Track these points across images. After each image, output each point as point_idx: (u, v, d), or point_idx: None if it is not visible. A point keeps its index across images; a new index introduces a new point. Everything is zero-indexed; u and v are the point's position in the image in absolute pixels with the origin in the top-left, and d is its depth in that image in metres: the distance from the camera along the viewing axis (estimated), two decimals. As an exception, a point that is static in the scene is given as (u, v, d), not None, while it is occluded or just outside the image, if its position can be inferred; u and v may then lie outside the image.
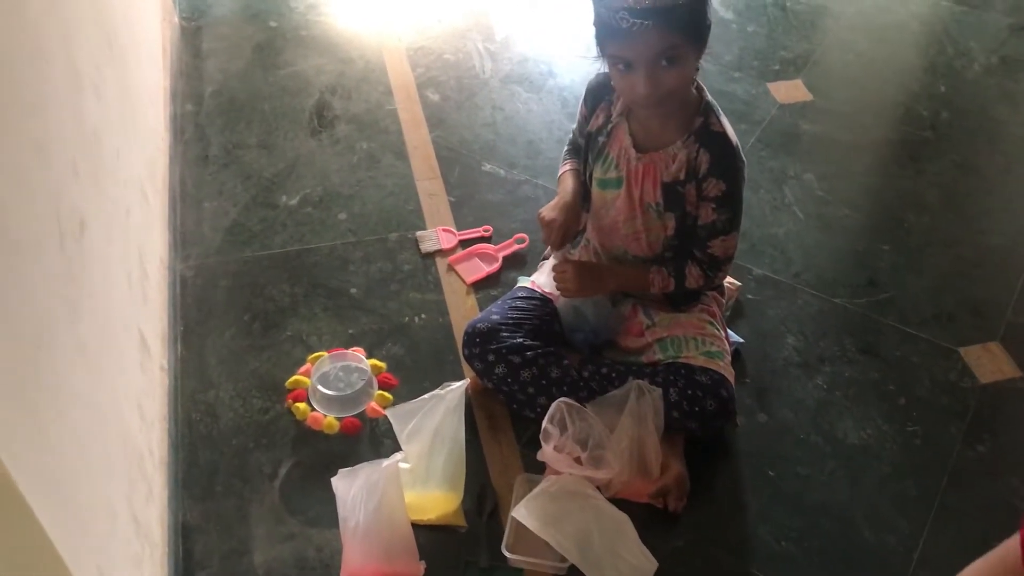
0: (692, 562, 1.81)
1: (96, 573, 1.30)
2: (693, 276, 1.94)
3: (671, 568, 1.78)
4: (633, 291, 2.03)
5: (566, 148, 2.11)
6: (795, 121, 2.89)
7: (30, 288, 1.26)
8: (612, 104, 1.91)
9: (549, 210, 1.96)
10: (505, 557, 1.78)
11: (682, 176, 1.85)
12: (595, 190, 1.96)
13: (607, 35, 1.69)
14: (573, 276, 1.94)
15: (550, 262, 2.15)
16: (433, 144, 2.76)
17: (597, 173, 1.94)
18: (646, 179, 1.88)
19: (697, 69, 1.77)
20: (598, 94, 1.94)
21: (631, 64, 1.69)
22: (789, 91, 2.99)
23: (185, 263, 2.39)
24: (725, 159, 1.83)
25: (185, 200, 2.56)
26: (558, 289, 1.99)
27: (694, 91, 1.84)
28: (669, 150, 1.85)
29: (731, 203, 1.86)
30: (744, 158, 1.86)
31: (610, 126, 1.91)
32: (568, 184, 2.01)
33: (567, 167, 2.07)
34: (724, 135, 1.83)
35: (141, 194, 2.15)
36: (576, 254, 2.09)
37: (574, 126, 2.06)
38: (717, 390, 1.87)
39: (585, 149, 1.98)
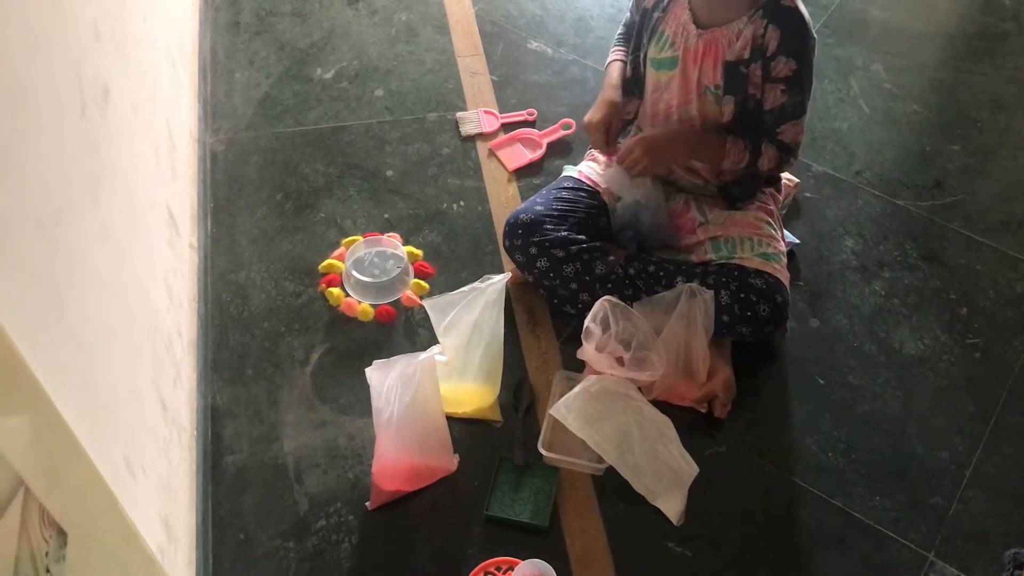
0: (734, 469, 1.75)
1: (121, 460, 1.26)
2: (769, 156, 1.80)
3: (712, 474, 1.73)
4: (705, 161, 1.87)
5: (619, 32, 1.97)
6: (865, 7, 2.69)
7: (49, 160, 1.17)
8: None
9: (591, 112, 1.85)
10: (541, 455, 1.73)
11: (747, 55, 1.71)
12: (649, 72, 1.83)
13: None
14: (642, 154, 1.80)
15: (598, 153, 2.03)
16: (476, 18, 2.60)
17: (652, 53, 1.80)
18: (706, 58, 1.74)
19: None
20: None
21: None
22: (861, -27, 2.78)
23: (215, 136, 2.29)
24: (796, 36, 1.69)
25: (216, 70, 2.44)
26: (631, 173, 1.85)
27: None
28: (733, 26, 1.70)
29: (801, 84, 1.73)
30: (815, 35, 1.71)
31: (667, 1, 1.76)
32: (611, 77, 1.89)
33: (614, 56, 1.94)
34: (795, 9, 1.69)
35: (169, 62, 2.04)
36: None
37: (630, 3, 1.91)
38: (772, 295, 1.77)
39: (639, 27, 1.83)
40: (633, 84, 1.92)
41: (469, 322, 1.74)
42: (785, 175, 2.07)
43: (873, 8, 2.69)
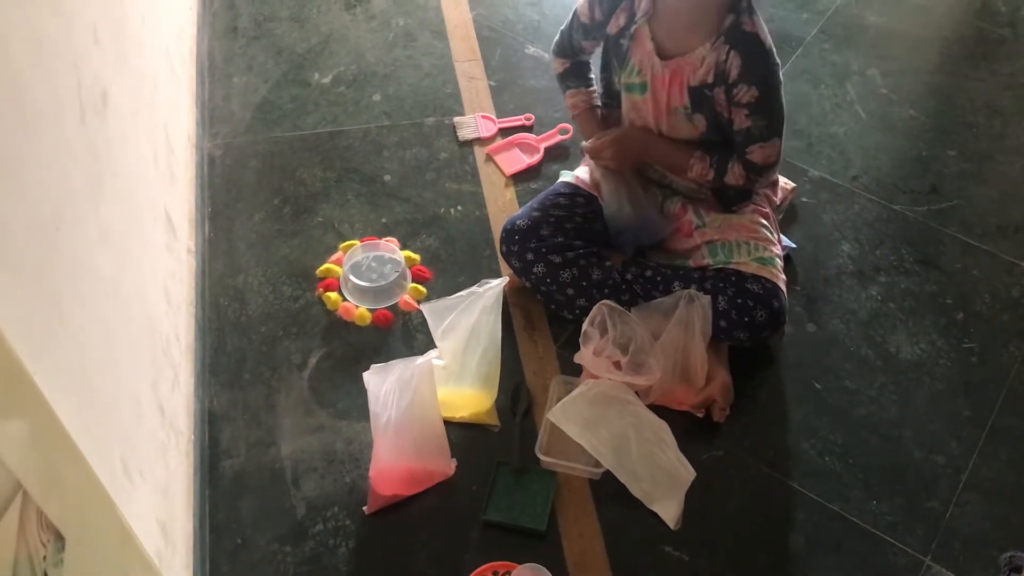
0: (731, 473, 1.75)
1: (119, 464, 1.26)
2: (734, 174, 1.82)
3: (709, 479, 1.73)
4: (669, 169, 1.91)
5: (560, 64, 1.98)
6: (861, 12, 2.70)
7: (49, 163, 1.18)
8: (634, 3, 1.76)
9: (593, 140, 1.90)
10: (538, 459, 1.73)
11: (710, 79, 1.73)
12: (623, 94, 1.86)
13: None
14: (613, 152, 1.86)
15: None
16: (474, 23, 2.60)
17: (623, 78, 1.83)
18: (672, 84, 1.77)
19: None
20: None
21: None
22: (857, -21, 2.79)
23: (213, 141, 2.29)
24: (758, 62, 1.69)
25: (214, 74, 2.44)
26: (597, 165, 1.90)
27: None
28: (696, 53, 1.72)
29: (766, 109, 1.73)
30: (777, 60, 1.72)
31: (634, 27, 1.77)
32: (589, 126, 1.95)
33: (576, 102, 1.97)
34: (756, 36, 1.69)
35: (168, 66, 2.04)
36: None
37: (565, 27, 1.93)
38: (769, 299, 1.77)
39: (606, 53, 1.87)
40: (608, 98, 1.95)
41: (467, 327, 1.74)
42: (782, 179, 2.08)
43: (869, 13, 2.69)
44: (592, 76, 2.00)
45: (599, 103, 1.98)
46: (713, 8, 1.69)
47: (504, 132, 2.33)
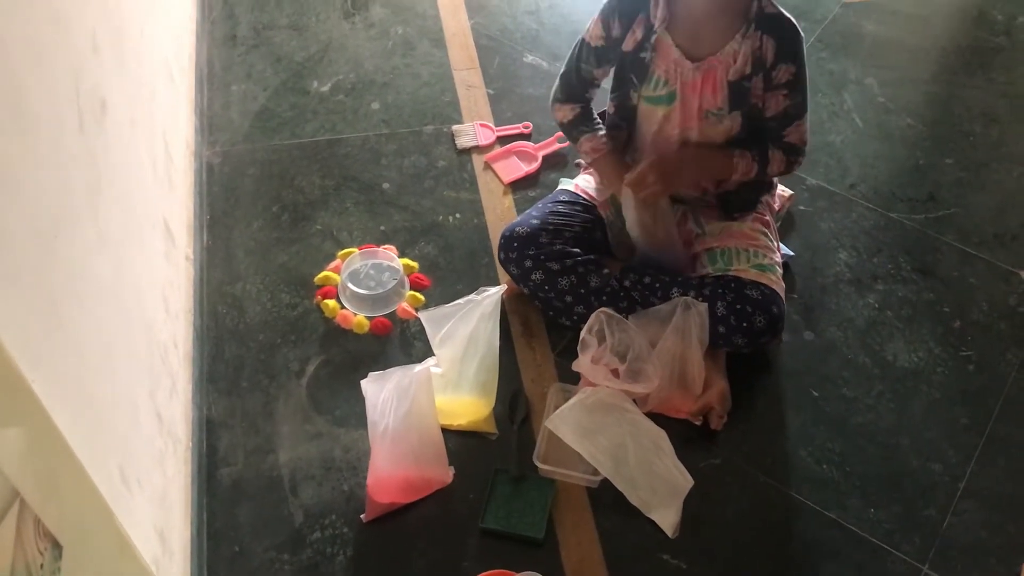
0: (729, 481, 1.75)
1: (117, 472, 1.26)
2: (776, 161, 1.82)
3: (707, 486, 1.73)
4: (717, 177, 1.85)
5: (566, 111, 1.91)
6: (859, 21, 2.71)
7: (47, 171, 1.18)
8: (650, 16, 1.73)
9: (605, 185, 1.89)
10: (536, 467, 1.73)
11: (748, 70, 1.72)
12: (643, 107, 1.82)
13: None
14: (656, 178, 1.77)
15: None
16: (472, 32, 2.61)
17: (645, 92, 1.80)
18: (705, 86, 1.74)
19: None
20: (632, 5, 1.74)
21: None
22: (854, -12, 2.80)
23: (212, 149, 2.29)
24: (789, 39, 1.71)
25: (212, 82, 2.45)
26: (643, 198, 1.80)
27: None
28: (728, 49, 1.71)
29: (801, 84, 1.75)
30: (802, 31, 1.74)
31: (654, 37, 1.74)
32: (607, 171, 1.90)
33: (596, 145, 1.89)
34: (780, 15, 1.71)
35: (167, 74, 2.05)
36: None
37: (571, 64, 1.87)
38: (768, 306, 1.78)
39: (620, 71, 1.82)
40: (620, 119, 1.89)
41: (465, 334, 1.74)
42: (780, 187, 2.08)
43: (867, 22, 2.70)
44: (598, 120, 1.94)
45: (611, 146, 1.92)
46: (735, 2, 1.69)
47: (502, 140, 2.34)
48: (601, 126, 1.92)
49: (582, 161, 2.07)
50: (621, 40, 1.78)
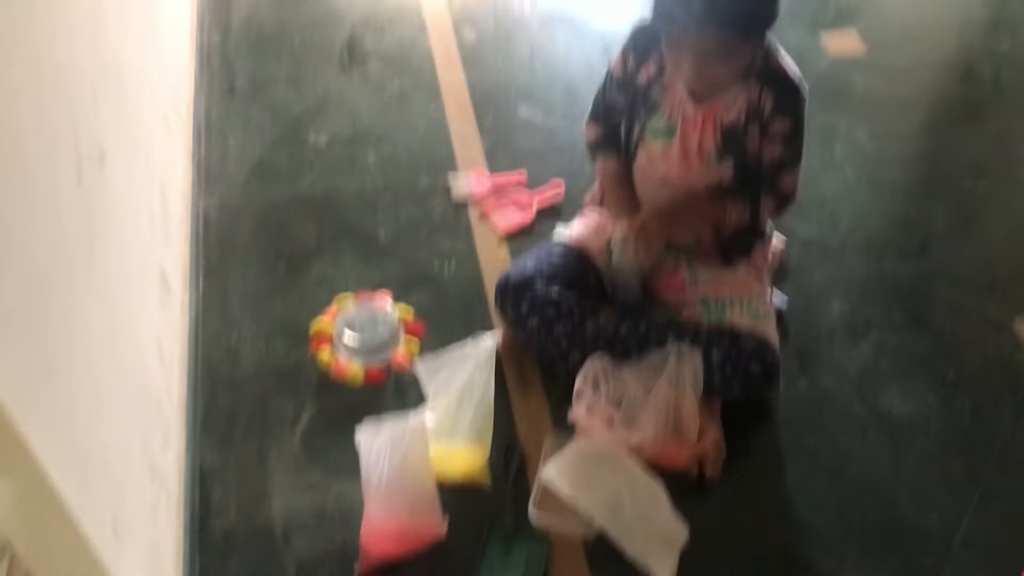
0: (725, 531, 1.74)
1: (109, 522, 1.25)
2: (768, 207, 1.86)
3: (702, 536, 1.71)
4: (712, 224, 1.89)
5: (593, 130, 1.96)
6: (848, 74, 2.75)
7: (45, 221, 1.19)
8: (663, 55, 1.77)
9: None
10: (531, 518, 1.72)
11: (742, 119, 1.75)
12: (646, 141, 1.85)
13: (664, 13, 1.62)
14: (656, 228, 1.84)
15: (589, 215, 2.06)
16: (468, 85, 2.65)
17: (650, 124, 1.83)
18: (705, 126, 1.78)
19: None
20: (648, 44, 1.79)
21: (682, 48, 1.64)
22: (843, 42, 2.85)
23: (209, 199, 2.31)
24: (790, 95, 1.75)
25: (210, 134, 2.47)
26: (643, 248, 1.87)
27: None
28: (729, 94, 1.74)
29: (797, 137, 1.79)
30: (807, 90, 1.76)
31: (665, 78, 1.79)
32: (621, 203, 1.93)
33: (609, 166, 1.94)
34: (786, 71, 1.74)
35: (165, 126, 2.07)
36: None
37: (599, 91, 1.92)
38: (762, 354, 1.78)
39: (633, 102, 1.86)
40: (624, 149, 1.93)
41: (459, 383, 1.74)
42: (775, 238, 2.10)
43: (856, 76, 2.75)
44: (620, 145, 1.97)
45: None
46: (742, 63, 1.72)
47: (498, 190, 2.36)
48: (618, 151, 1.95)
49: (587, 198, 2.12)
50: (636, 74, 1.83)
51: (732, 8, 1.57)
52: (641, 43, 1.81)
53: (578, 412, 1.77)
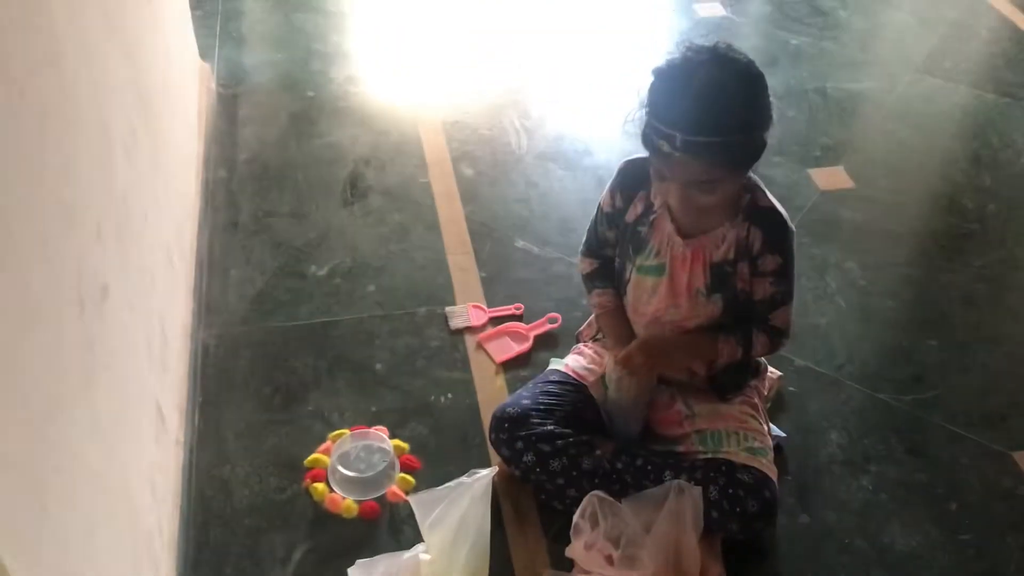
0: (729, 675, 1.69)
1: (92, 668, 1.21)
2: (760, 343, 1.86)
3: None
4: (701, 360, 1.91)
5: (587, 264, 2.01)
6: (836, 208, 2.82)
7: (45, 357, 1.20)
8: (652, 193, 1.82)
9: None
10: (528, 660, 1.66)
11: (731, 256, 1.78)
12: (635, 277, 1.88)
13: (649, 144, 1.65)
14: (644, 360, 1.84)
15: (584, 348, 2.08)
16: (466, 219, 2.71)
17: (639, 262, 1.86)
18: (694, 263, 1.80)
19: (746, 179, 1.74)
20: (636, 182, 1.83)
21: (667, 177, 1.67)
22: (830, 178, 2.93)
23: (208, 331, 2.33)
24: (777, 233, 1.77)
25: (212, 267, 2.52)
26: (628, 373, 1.87)
27: None
28: (717, 232, 1.78)
29: (787, 274, 1.80)
30: (793, 227, 1.80)
31: (653, 216, 1.84)
32: (617, 334, 1.96)
33: (604, 300, 1.98)
34: (773, 209, 1.77)
35: (167, 260, 2.11)
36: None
37: (591, 227, 1.98)
38: (760, 490, 1.77)
39: (622, 239, 1.90)
40: (616, 280, 1.97)
41: (455, 519, 1.72)
42: (770, 369, 2.11)
43: (843, 209, 2.82)
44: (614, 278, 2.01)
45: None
46: (729, 200, 1.76)
47: (495, 321, 2.38)
48: (612, 284, 1.98)
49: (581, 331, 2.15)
50: (624, 211, 1.87)
51: (723, 124, 1.58)
52: (628, 180, 1.86)
53: (576, 549, 1.74)
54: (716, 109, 1.59)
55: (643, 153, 1.71)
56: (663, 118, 1.61)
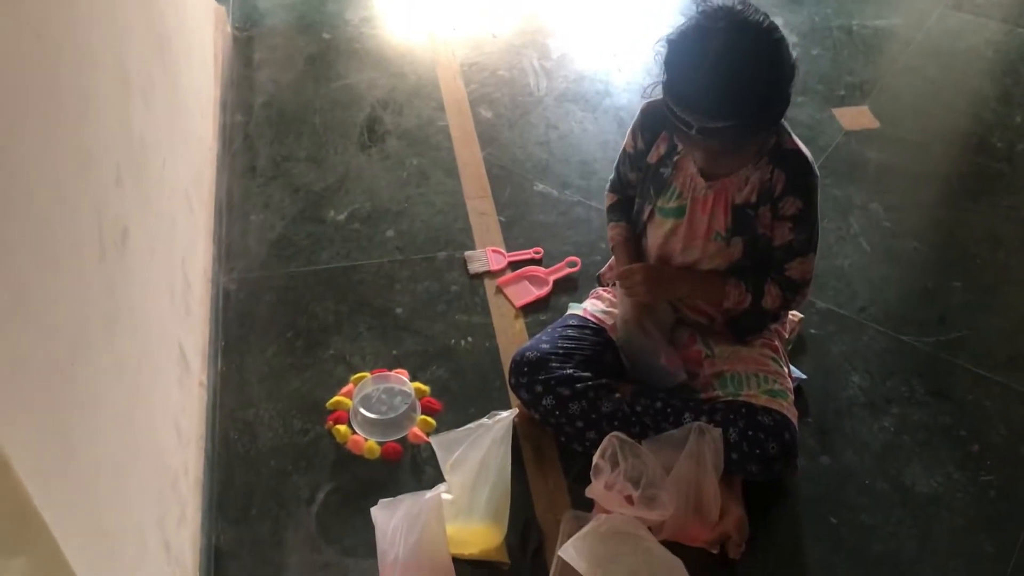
0: (748, 613, 1.70)
1: (122, 604, 1.24)
2: (772, 296, 1.82)
3: (726, 619, 1.68)
4: (705, 301, 1.90)
5: (610, 198, 2.01)
6: (861, 149, 2.77)
7: (68, 300, 1.20)
8: (674, 135, 1.79)
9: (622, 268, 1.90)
10: (549, 598, 1.69)
11: (754, 199, 1.75)
12: (655, 218, 1.86)
13: (668, 122, 1.63)
14: (642, 279, 1.83)
15: (603, 292, 2.07)
16: (484, 162, 2.69)
17: (659, 203, 1.84)
18: (716, 206, 1.78)
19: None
20: (658, 123, 1.80)
21: (691, 142, 1.66)
22: (855, 117, 2.88)
23: (229, 276, 2.33)
24: (801, 176, 1.73)
25: (231, 212, 2.51)
26: (627, 294, 1.88)
27: None
28: (741, 173, 1.75)
29: (808, 221, 1.76)
30: (818, 172, 1.75)
31: (676, 157, 1.81)
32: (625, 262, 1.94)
33: (616, 233, 1.98)
34: (798, 151, 1.73)
35: (187, 204, 2.11)
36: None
37: (617, 162, 1.97)
38: (780, 432, 1.76)
39: (643, 180, 1.88)
40: (635, 223, 1.96)
41: (476, 460, 1.73)
42: (791, 313, 2.09)
43: (869, 150, 2.77)
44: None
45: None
46: (753, 151, 1.72)
47: (514, 265, 2.38)
48: (628, 219, 1.97)
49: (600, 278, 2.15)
50: (646, 152, 1.84)
51: (740, 107, 1.54)
52: (650, 121, 1.83)
53: (596, 489, 1.75)
54: (733, 90, 1.53)
55: None
56: (678, 98, 1.57)
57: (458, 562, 1.72)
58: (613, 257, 2.03)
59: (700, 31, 1.55)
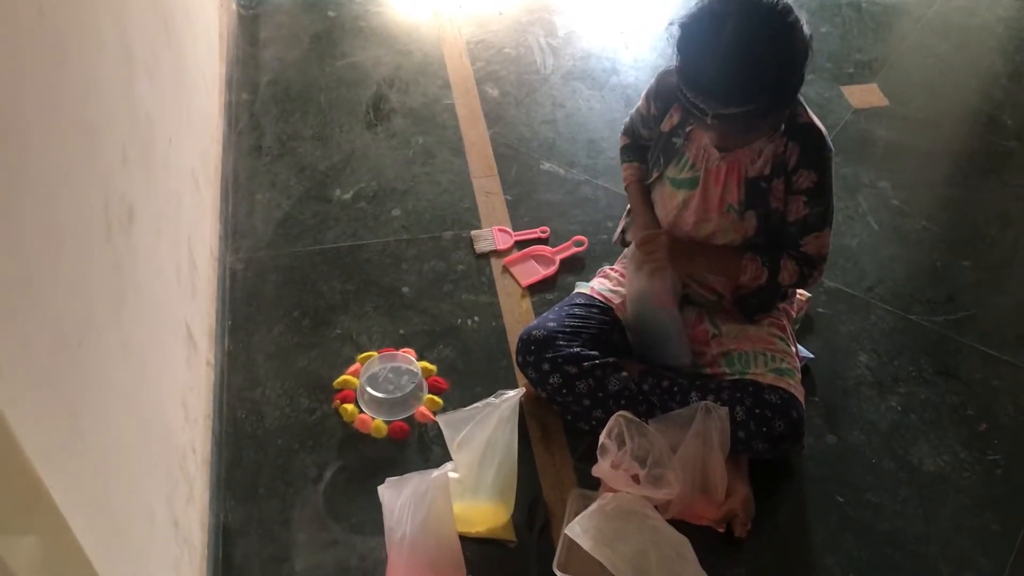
0: (754, 591, 1.71)
1: (131, 581, 1.24)
2: (788, 271, 1.80)
3: (732, 597, 1.68)
4: (723, 274, 1.88)
5: (624, 140, 2.01)
6: (870, 127, 2.76)
7: (74, 280, 1.20)
8: None
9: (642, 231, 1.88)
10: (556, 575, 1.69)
11: (767, 171, 1.74)
12: (667, 188, 1.85)
13: (683, 107, 1.63)
14: (664, 245, 1.80)
15: (610, 270, 2.07)
16: (491, 141, 2.68)
17: (670, 172, 1.83)
18: (729, 177, 1.76)
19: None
20: (671, 93, 1.76)
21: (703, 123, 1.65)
22: (864, 95, 2.86)
23: (235, 255, 2.33)
24: (815, 149, 1.71)
25: (237, 191, 2.51)
26: (645, 260, 1.84)
27: None
28: (754, 146, 1.74)
29: (823, 195, 1.74)
30: (832, 146, 1.74)
31: (689, 128, 1.80)
32: (636, 201, 1.94)
33: (628, 174, 1.97)
34: (812, 125, 1.72)
35: (193, 183, 2.10)
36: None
37: (632, 112, 1.96)
38: (787, 410, 1.76)
39: (655, 146, 1.87)
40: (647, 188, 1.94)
41: (483, 439, 1.73)
42: (798, 292, 2.08)
43: (878, 128, 2.75)
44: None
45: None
46: (766, 129, 1.70)
47: (520, 244, 2.37)
48: (642, 160, 1.96)
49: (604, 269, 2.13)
50: (659, 119, 1.84)
51: (756, 94, 1.54)
52: (665, 91, 1.81)
53: (603, 468, 1.75)
54: (749, 77, 1.52)
55: None
56: (693, 85, 1.56)
57: (465, 540, 1.72)
58: (629, 207, 2.00)
59: (712, 16, 1.54)
